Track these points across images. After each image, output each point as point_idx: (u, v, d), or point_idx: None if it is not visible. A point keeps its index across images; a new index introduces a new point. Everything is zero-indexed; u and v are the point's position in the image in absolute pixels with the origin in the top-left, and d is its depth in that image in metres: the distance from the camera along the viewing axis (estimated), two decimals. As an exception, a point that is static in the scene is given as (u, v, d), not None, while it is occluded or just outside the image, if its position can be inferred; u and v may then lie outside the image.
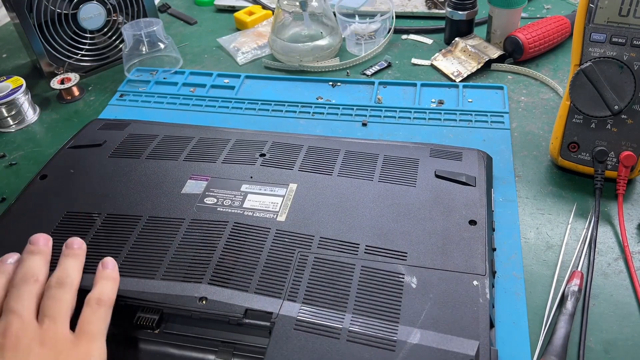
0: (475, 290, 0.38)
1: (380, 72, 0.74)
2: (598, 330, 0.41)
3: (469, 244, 0.42)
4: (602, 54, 0.48)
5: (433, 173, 0.48)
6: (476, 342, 0.35)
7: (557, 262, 0.46)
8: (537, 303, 0.43)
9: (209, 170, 0.50)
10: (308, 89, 0.71)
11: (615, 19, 0.47)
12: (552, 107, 0.64)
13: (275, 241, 0.42)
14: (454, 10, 0.74)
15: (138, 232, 0.44)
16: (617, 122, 0.50)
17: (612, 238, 0.48)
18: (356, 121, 0.64)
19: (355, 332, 0.36)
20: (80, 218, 0.46)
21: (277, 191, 0.47)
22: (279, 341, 0.35)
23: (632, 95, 0.48)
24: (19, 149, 0.66)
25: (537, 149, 0.58)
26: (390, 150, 0.52)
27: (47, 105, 0.73)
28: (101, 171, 0.51)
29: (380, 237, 0.42)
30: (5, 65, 0.84)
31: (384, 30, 0.78)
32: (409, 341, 0.35)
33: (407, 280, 0.39)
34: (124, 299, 0.38)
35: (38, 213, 0.47)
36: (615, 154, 0.50)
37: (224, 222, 0.44)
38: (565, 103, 0.52)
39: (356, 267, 0.40)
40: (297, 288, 0.38)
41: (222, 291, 0.38)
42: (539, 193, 0.53)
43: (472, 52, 0.72)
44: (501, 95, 0.67)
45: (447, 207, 0.45)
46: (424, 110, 0.65)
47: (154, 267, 0.40)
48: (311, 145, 0.53)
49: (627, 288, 0.44)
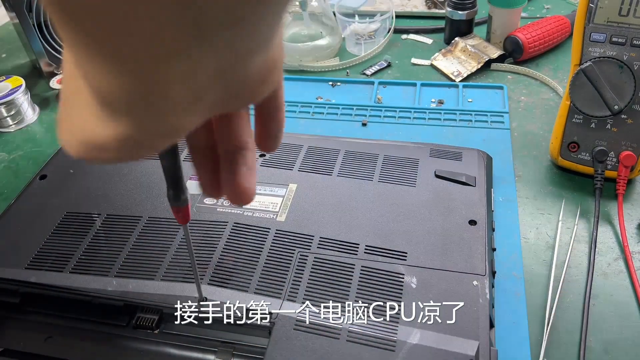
0: (475, 290, 0.38)
1: (380, 72, 0.74)
2: (598, 330, 0.41)
3: (468, 244, 0.42)
4: (602, 54, 0.48)
5: (433, 173, 0.48)
6: (476, 342, 0.35)
7: (557, 262, 0.46)
8: (537, 303, 0.43)
9: (209, 170, 0.50)
10: (308, 89, 0.71)
11: (615, 19, 0.47)
12: (552, 107, 0.64)
13: (275, 241, 0.42)
14: (453, 10, 0.74)
15: (138, 232, 0.44)
16: (617, 122, 0.50)
17: (612, 238, 0.48)
18: (356, 121, 0.64)
19: (355, 332, 0.36)
20: (80, 218, 0.46)
21: (276, 191, 0.47)
22: (278, 341, 0.35)
23: (632, 95, 0.48)
24: (18, 149, 0.66)
25: (537, 149, 0.58)
26: (390, 150, 0.52)
27: (46, 105, 0.73)
28: (101, 171, 0.51)
29: (380, 237, 0.42)
30: (5, 65, 0.84)
31: (383, 30, 0.78)
32: (409, 341, 0.35)
33: (407, 280, 0.39)
34: (124, 299, 0.38)
35: (38, 213, 0.47)
36: (615, 154, 0.50)
37: (223, 223, 0.44)
38: (565, 103, 0.52)
39: (356, 267, 0.40)
40: (297, 288, 0.38)
41: (222, 291, 0.38)
42: (539, 193, 0.53)
43: (472, 52, 0.72)
44: (501, 95, 0.67)
45: (447, 207, 0.45)
46: (424, 110, 0.65)
47: (154, 268, 0.40)
48: (311, 145, 0.53)
49: (627, 288, 0.44)
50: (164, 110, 0.15)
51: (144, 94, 0.14)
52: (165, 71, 0.14)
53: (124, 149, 0.16)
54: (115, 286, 0.39)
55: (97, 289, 0.39)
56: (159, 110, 0.15)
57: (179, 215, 0.29)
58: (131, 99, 0.15)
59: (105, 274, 0.40)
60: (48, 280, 0.40)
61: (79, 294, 0.39)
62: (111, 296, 0.39)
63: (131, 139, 0.16)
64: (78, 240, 0.43)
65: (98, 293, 0.39)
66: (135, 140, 0.16)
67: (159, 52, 0.13)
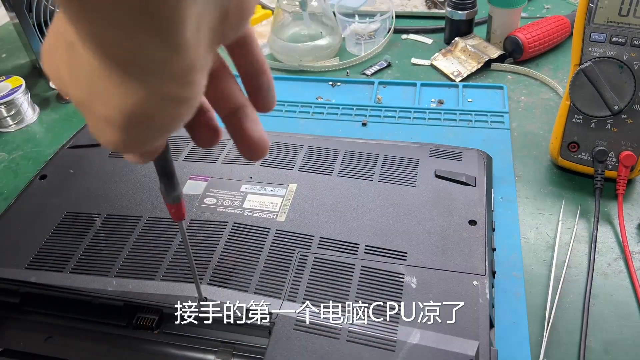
0: (475, 290, 0.38)
1: (380, 72, 0.74)
2: (598, 330, 0.41)
3: (468, 244, 0.42)
4: (602, 54, 0.48)
5: (433, 173, 0.48)
6: (476, 342, 0.35)
7: (557, 262, 0.46)
8: (537, 303, 0.43)
9: (209, 170, 0.50)
10: (308, 89, 0.71)
11: (615, 19, 0.47)
12: (552, 107, 0.64)
13: (275, 241, 0.42)
14: (453, 10, 0.74)
15: (138, 232, 0.44)
16: (617, 122, 0.50)
17: (612, 238, 0.48)
18: (356, 121, 0.64)
19: (355, 332, 0.36)
20: (80, 218, 0.46)
21: (276, 191, 0.47)
22: (278, 341, 0.35)
23: (632, 95, 0.48)
24: (18, 149, 0.66)
25: (537, 149, 0.58)
26: (390, 150, 0.52)
27: (46, 105, 0.73)
28: (101, 171, 0.51)
29: (380, 237, 0.42)
30: (5, 65, 0.84)
31: (383, 30, 0.78)
32: (409, 341, 0.35)
33: (407, 280, 0.39)
34: (124, 299, 0.38)
35: (38, 213, 0.47)
36: (615, 154, 0.50)
37: (223, 223, 0.44)
38: (565, 103, 0.52)
39: (356, 267, 0.40)
40: (297, 288, 0.38)
41: (222, 291, 0.38)
42: (539, 193, 0.53)
43: (472, 52, 0.72)
44: (501, 95, 0.67)
45: (447, 207, 0.45)
46: (424, 110, 0.65)
47: (154, 268, 0.40)
48: (311, 145, 0.53)
49: (627, 288, 0.44)
50: (176, 49, 0.15)
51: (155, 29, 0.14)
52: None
53: (133, 125, 0.17)
54: (115, 286, 0.39)
55: (97, 289, 0.39)
56: (171, 49, 0.15)
57: (173, 212, 0.29)
58: (142, 48, 0.15)
59: (105, 274, 0.40)
60: (48, 280, 0.40)
61: (79, 294, 0.39)
62: (111, 296, 0.39)
63: (142, 109, 0.16)
64: (78, 240, 0.43)
65: (98, 293, 0.39)
66: (146, 113, 0.16)
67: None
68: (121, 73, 0.15)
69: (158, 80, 0.16)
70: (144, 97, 0.16)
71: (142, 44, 0.15)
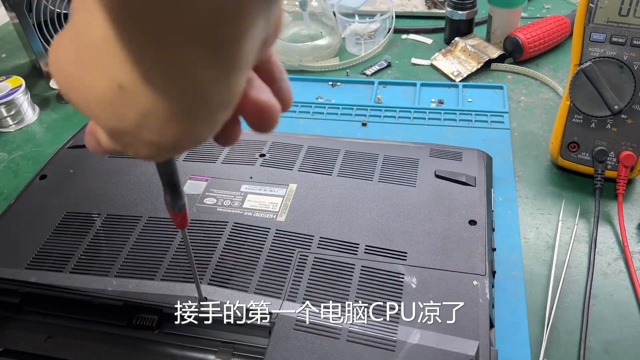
0: (475, 290, 0.38)
1: (380, 72, 0.74)
2: (598, 330, 0.41)
3: (468, 244, 0.42)
4: (602, 54, 0.48)
5: (433, 173, 0.48)
6: (476, 342, 0.35)
7: (557, 262, 0.46)
8: (537, 303, 0.43)
9: (209, 170, 0.50)
10: (308, 89, 0.71)
11: (615, 19, 0.47)
12: (552, 107, 0.64)
13: (275, 241, 0.42)
14: (453, 10, 0.74)
15: (138, 232, 0.44)
16: (617, 122, 0.50)
17: (612, 238, 0.48)
18: (356, 121, 0.64)
19: (355, 332, 0.36)
20: (80, 218, 0.46)
21: (276, 191, 0.47)
22: (278, 341, 0.35)
23: (632, 95, 0.48)
24: (18, 149, 0.66)
25: (537, 149, 0.58)
26: (390, 150, 0.52)
27: (46, 105, 0.73)
28: (101, 171, 0.51)
29: (380, 237, 0.42)
30: (5, 65, 0.84)
31: (383, 30, 0.78)
32: (409, 341, 0.35)
33: (407, 280, 0.39)
34: (124, 299, 0.38)
35: (38, 213, 0.47)
36: (615, 154, 0.50)
37: (223, 223, 0.44)
38: (565, 103, 0.52)
39: (356, 267, 0.40)
40: (297, 288, 0.38)
41: (222, 291, 0.38)
42: (539, 193, 0.53)
43: (472, 51, 0.72)
44: (501, 95, 0.67)
45: (447, 207, 0.45)
46: (424, 110, 0.65)
47: (154, 268, 0.40)
48: (311, 145, 0.53)
49: (627, 288, 0.44)
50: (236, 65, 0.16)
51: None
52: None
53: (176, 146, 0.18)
54: (115, 286, 0.39)
55: (97, 289, 0.39)
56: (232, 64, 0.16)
57: (177, 221, 0.29)
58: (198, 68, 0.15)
59: (105, 274, 0.40)
60: (48, 280, 0.40)
61: (79, 294, 0.39)
62: (111, 296, 0.39)
63: (190, 135, 0.17)
64: (78, 240, 0.43)
65: (98, 293, 0.39)
66: (191, 137, 0.18)
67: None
68: (177, 107, 0.16)
69: (211, 110, 0.17)
70: (194, 126, 0.17)
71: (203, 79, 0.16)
